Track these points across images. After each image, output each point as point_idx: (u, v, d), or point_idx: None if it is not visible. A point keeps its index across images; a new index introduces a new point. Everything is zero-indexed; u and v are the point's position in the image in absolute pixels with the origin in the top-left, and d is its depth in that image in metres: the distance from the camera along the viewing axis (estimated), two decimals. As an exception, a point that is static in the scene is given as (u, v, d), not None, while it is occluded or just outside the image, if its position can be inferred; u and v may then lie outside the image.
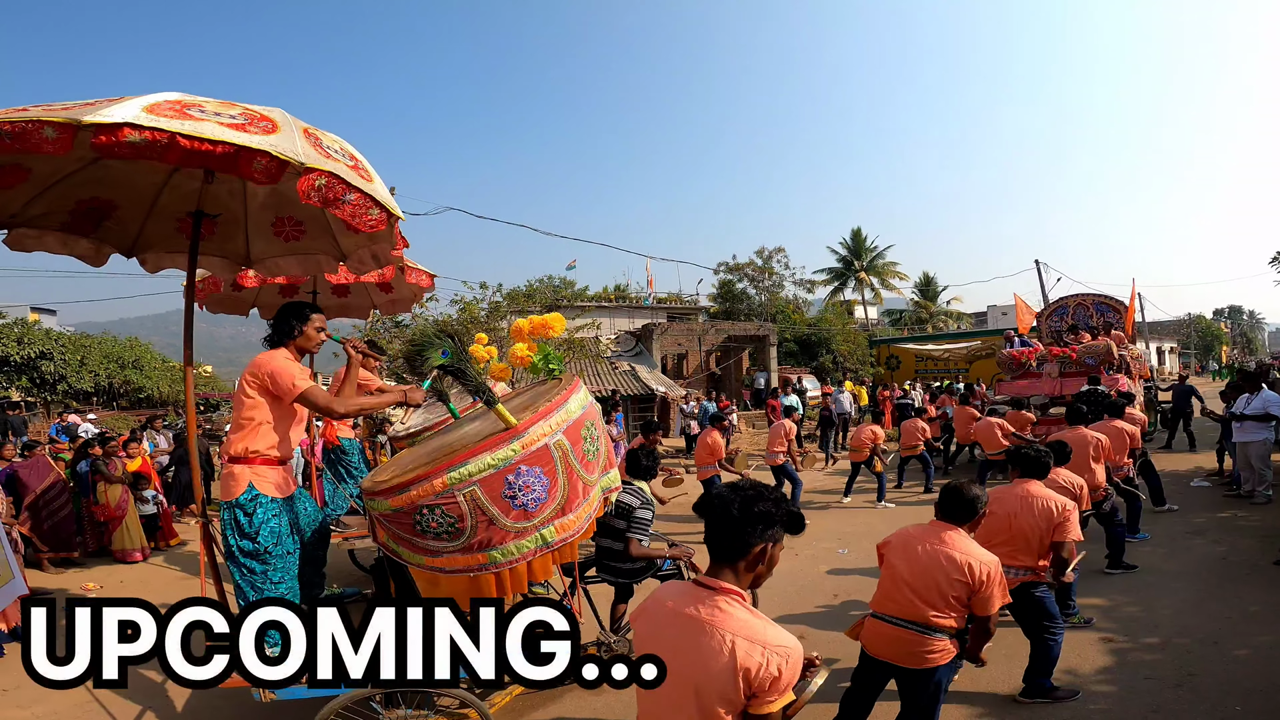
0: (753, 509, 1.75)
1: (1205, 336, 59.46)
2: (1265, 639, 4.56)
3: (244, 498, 3.27)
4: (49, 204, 3.53)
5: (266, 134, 2.69)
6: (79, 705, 4.28)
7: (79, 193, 3.55)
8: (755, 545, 1.76)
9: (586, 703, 4.17)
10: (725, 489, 1.84)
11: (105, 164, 3.45)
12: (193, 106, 2.68)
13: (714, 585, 1.76)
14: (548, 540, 3.21)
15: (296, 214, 4.04)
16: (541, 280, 24.83)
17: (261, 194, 3.89)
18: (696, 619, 1.73)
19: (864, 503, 9.88)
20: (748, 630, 1.68)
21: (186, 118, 2.57)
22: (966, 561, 2.93)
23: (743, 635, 1.67)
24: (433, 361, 3.27)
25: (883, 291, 41.26)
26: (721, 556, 1.79)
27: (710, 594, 1.76)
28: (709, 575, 1.80)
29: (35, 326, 22.50)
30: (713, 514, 1.80)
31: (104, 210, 3.75)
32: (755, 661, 1.64)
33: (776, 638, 1.69)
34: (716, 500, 1.80)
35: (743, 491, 1.80)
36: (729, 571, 1.78)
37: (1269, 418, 7.99)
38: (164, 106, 2.60)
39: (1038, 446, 4.39)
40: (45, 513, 7.31)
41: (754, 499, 1.77)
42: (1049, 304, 15.85)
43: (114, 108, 2.50)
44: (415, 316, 14.85)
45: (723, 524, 1.77)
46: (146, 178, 3.65)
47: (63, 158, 3.20)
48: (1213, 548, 6.63)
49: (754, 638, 1.67)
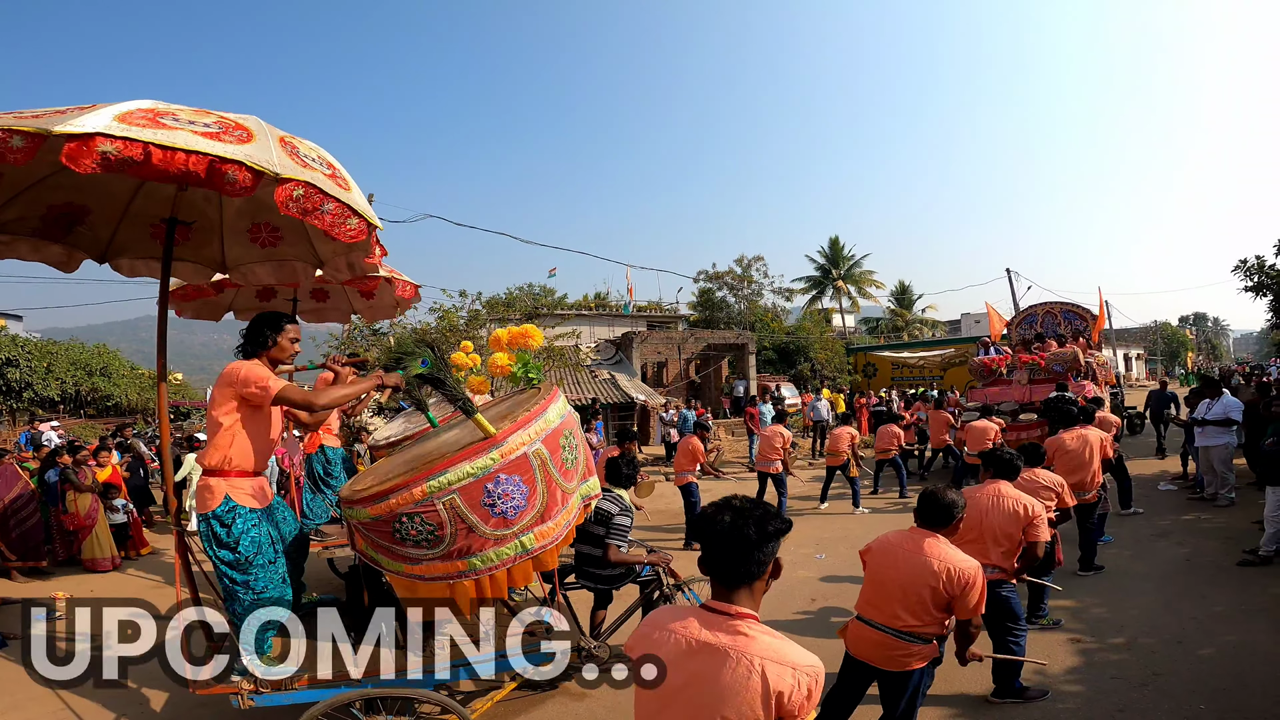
0: (768, 528, 1.73)
1: (1171, 343, 60.88)
2: (1229, 638, 4.70)
3: (220, 509, 3.23)
4: (21, 209, 3.47)
5: (241, 143, 2.66)
6: (52, 713, 4.20)
7: (51, 197, 3.50)
8: (769, 562, 1.75)
9: (568, 709, 4.18)
10: (723, 512, 1.78)
11: None
12: (166, 115, 2.64)
13: (731, 611, 1.72)
14: (527, 547, 3.23)
15: (274, 220, 4.00)
16: (522, 288, 24.79)
17: (238, 200, 3.86)
18: (718, 646, 1.68)
19: (841, 509, 9.99)
20: (775, 654, 1.66)
21: (160, 126, 2.53)
22: (946, 568, 2.99)
23: (771, 659, 1.65)
24: (413, 370, 3.28)
25: (860, 300, 41.75)
26: (736, 580, 1.74)
27: (727, 619, 1.72)
28: (720, 600, 1.76)
29: (1, 333, 21.96)
30: (722, 539, 1.74)
31: (76, 215, 3.69)
32: (788, 684, 1.63)
33: (802, 658, 1.68)
34: (724, 525, 1.74)
35: (747, 512, 1.76)
36: (744, 593, 1.75)
37: (1230, 422, 8.21)
38: (136, 115, 2.56)
39: (1010, 449, 4.52)
40: (13, 522, 7.15)
41: (764, 517, 1.75)
42: (1019, 312, 16.18)
43: (85, 116, 2.45)
44: (394, 324, 14.75)
45: (737, 548, 1.72)
46: (120, 182, 3.61)
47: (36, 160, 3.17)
48: (1178, 550, 6.81)
49: (783, 660, 1.65)
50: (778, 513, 1.80)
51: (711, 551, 1.76)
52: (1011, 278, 26.82)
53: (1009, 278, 26.84)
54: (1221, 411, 8.24)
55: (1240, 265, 16.14)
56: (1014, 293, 26.42)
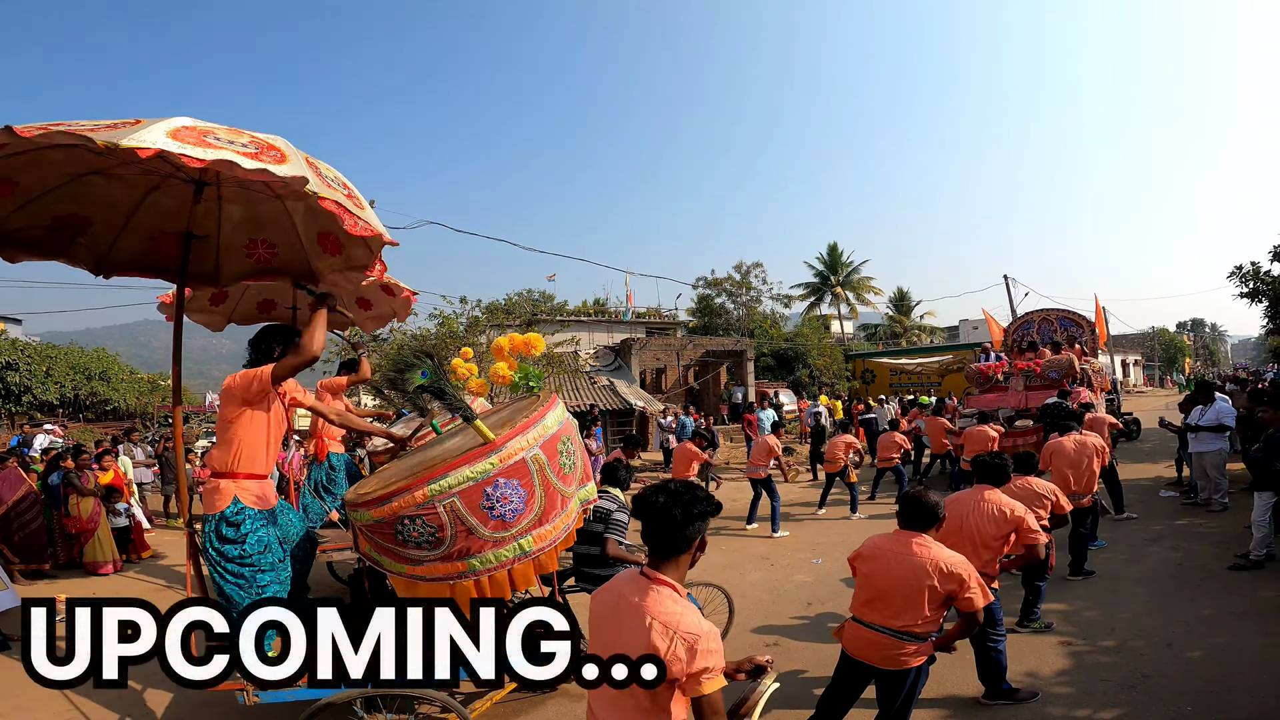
0: (693, 510, 1.98)
1: (1168, 349, 61.00)
2: (1218, 641, 4.77)
3: (229, 511, 3.36)
4: (27, 218, 3.53)
5: (278, 163, 2.81)
6: (58, 714, 4.25)
7: (57, 208, 3.55)
8: (695, 539, 2.01)
9: (567, 709, 4.24)
10: (658, 494, 2.01)
11: (88, 179, 3.48)
12: (208, 134, 2.79)
13: (654, 578, 1.98)
14: (525, 549, 3.32)
15: (271, 236, 4.12)
16: (521, 294, 24.88)
17: (236, 215, 3.98)
18: (633, 604, 1.95)
19: (838, 514, 10.05)
20: (666, 617, 1.88)
21: (206, 146, 2.68)
22: (937, 566, 3.07)
23: (659, 620, 1.88)
24: (413, 381, 3.38)
25: (858, 306, 41.82)
26: (665, 553, 2.00)
27: (650, 584, 1.97)
28: (651, 568, 2.01)
29: (1, 336, 22.03)
30: (653, 516, 1.99)
31: (79, 226, 3.76)
32: (664, 644, 1.84)
33: (688, 625, 1.87)
34: (657, 505, 1.99)
35: (678, 494, 1.99)
36: (671, 565, 2.00)
37: (1223, 428, 8.29)
38: (184, 132, 2.71)
39: (1002, 455, 4.57)
40: (16, 524, 7.22)
41: (691, 500, 1.99)
42: (1015, 319, 16.27)
43: (142, 131, 2.59)
44: (393, 330, 14.82)
45: (665, 525, 1.98)
46: (125, 194, 3.69)
47: (51, 171, 3.25)
48: (1169, 554, 6.88)
49: (669, 623, 1.87)
50: (707, 497, 2.04)
51: (646, 527, 2.02)
52: (1009, 284, 26.96)
53: (1007, 284, 26.98)
54: (1215, 417, 8.31)
55: (1236, 271, 16.27)
56: (1011, 299, 26.56)
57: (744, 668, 2.28)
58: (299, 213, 3.91)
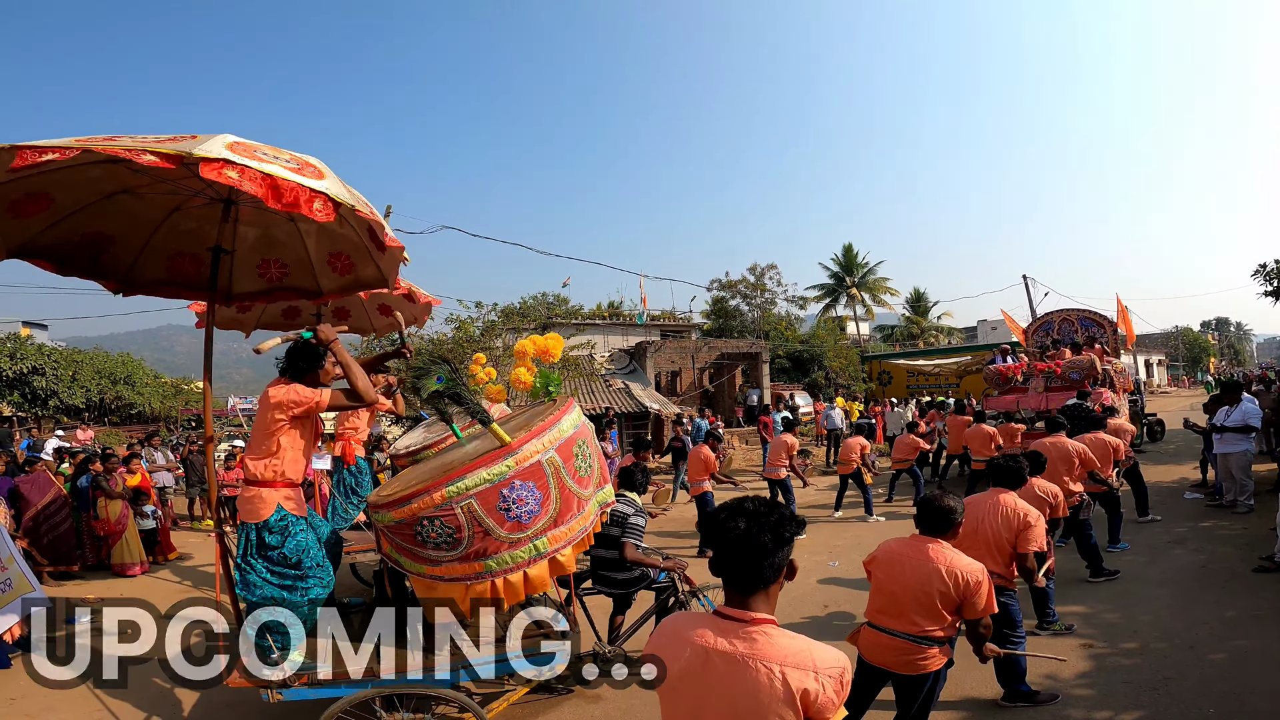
0: (783, 534, 1.72)
1: (1192, 349, 60.02)
2: (1240, 643, 4.71)
3: (274, 519, 3.45)
4: (59, 234, 3.64)
5: (317, 179, 2.94)
6: (87, 714, 4.35)
7: (87, 225, 3.68)
8: (784, 565, 1.75)
9: (584, 710, 4.26)
10: (737, 517, 1.74)
11: (118, 198, 3.59)
12: (256, 150, 2.91)
13: (746, 618, 1.70)
14: (541, 550, 3.38)
15: (283, 256, 4.26)
16: (536, 297, 25.01)
17: (252, 236, 4.14)
18: (734, 654, 1.67)
19: (853, 516, 10.02)
20: (796, 658, 1.65)
21: (257, 160, 2.80)
22: (952, 572, 3.05)
23: (792, 664, 1.64)
24: (430, 387, 3.46)
25: (874, 307, 41.53)
26: (750, 585, 1.72)
27: (743, 626, 1.70)
28: (733, 606, 1.74)
29: (28, 341, 22.50)
30: (736, 545, 1.71)
31: (104, 244, 3.89)
32: (812, 687, 1.62)
33: (825, 659, 1.66)
34: (738, 531, 1.71)
35: (761, 516, 1.73)
36: (760, 598, 1.73)
37: (1248, 429, 8.17)
38: (239, 149, 2.83)
39: (1017, 457, 4.52)
40: (45, 527, 7.39)
41: (780, 523, 1.73)
42: (1035, 319, 16.10)
43: (208, 144, 2.73)
44: (410, 335, 14.98)
45: (751, 554, 1.70)
46: (148, 214, 3.81)
47: (88, 189, 3.35)
48: (1193, 556, 6.79)
49: (804, 664, 1.64)
50: (792, 515, 1.78)
51: (725, 557, 1.73)
52: (1028, 284, 26.66)
53: (1026, 284, 26.67)
54: (1240, 418, 8.18)
55: (1260, 270, 16.00)
56: (1031, 299, 26.25)
57: None
58: (312, 234, 4.05)
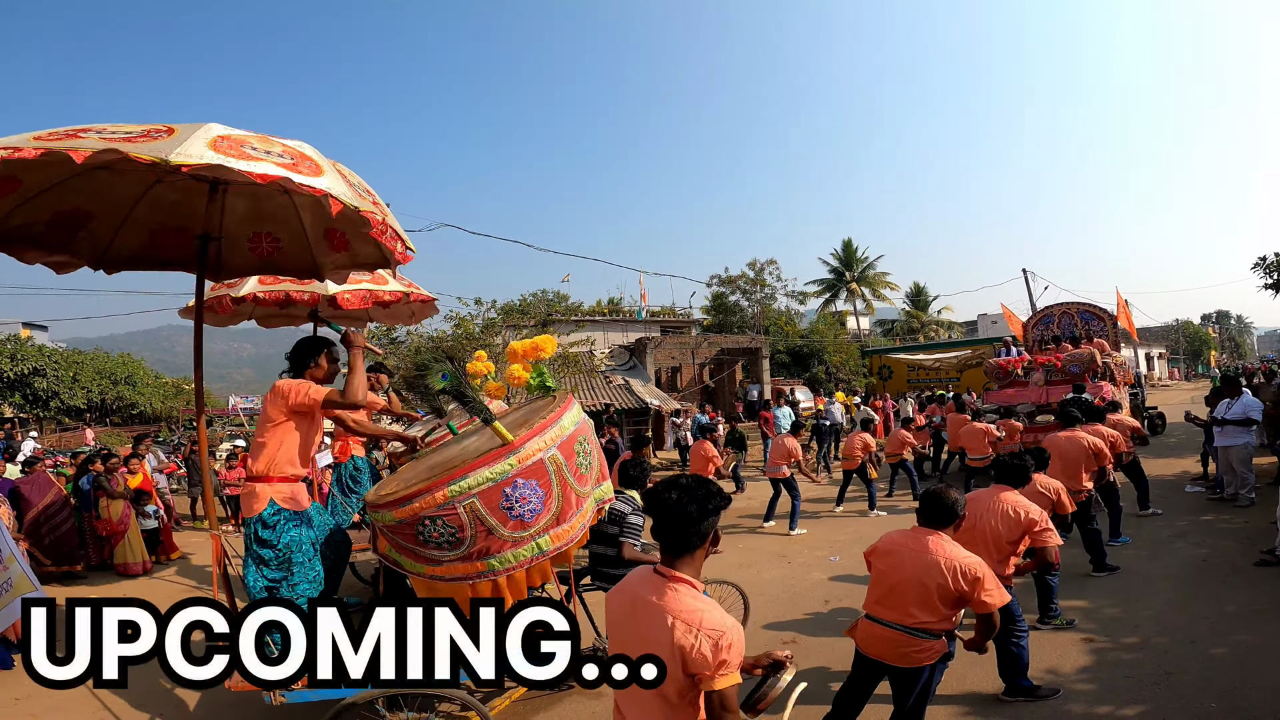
0: (708, 505, 1.98)
1: (1193, 342, 59.99)
2: (1242, 638, 4.71)
3: (266, 513, 3.48)
4: (28, 215, 3.44)
5: (315, 175, 2.85)
6: (92, 714, 4.36)
7: (59, 203, 3.48)
8: (709, 534, 2.01)
9: (585, 706, 4.27)
10: (670, 490, 2.00)
11: (92, 174, 3.36)
12: (244, 144, 2.80)
13: (670, 575, 1.98)
14: (543, 549, 3.37)
15: (275, 230, 4.08)
16: (536, 294, 24.99)
17: (241, 209, 3.92)
18: (652, 604, 1.96)
19: (855, 511, 10.02)
20: (688, 615, 1.89)
21: (246, 158, 2.70)
22: (952, 565, 3.05)
23: (683, 620, 1.88)
24: (433, 385, 3.45)
25: (874, 302, 41.52)
26: (679, 549, 2.00)
27: (666, 582, 1.97)
28: (666, 565, 2.01)
29: (28, 343, 22.50)
30: (667, 513, 1.98)
31: (80, 221, 3.68)
32: (689, 641, 1.85)
33: (711, 621, 1.87)
34: (670, 501, 1.98)
35: (691, 489, 1.99)
36: (686, 560, 2.00)
37: (1249, 422, 8.15)
38: (220, 142, 2.72)
39: (1022, 455, 4.51)
40: (47, 527, 7.39)
41: (705, 496, 1.98)
42: (1035, 313, 16.09)
43: (187, 144, 2.60)
44: (410, 333, 14.96)
45: (680, 522, 1.97)
46: (127, 188, 3.61)
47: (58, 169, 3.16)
48: (1194, 550, 6.79)
49: (691, 621, 1.87)
50: (718, 491, 2.03)
51: (659, 523, 2.01)
52: (1028, 278, 26.65)
53: (1025, 278, 26.67)
54: (1241, 411, 8.17)
55: (1260, 262, 15.97)
56: (1031, 293, 26.25)
57: (762, 663, 2.26)
58: (306, 208, 3.84)
